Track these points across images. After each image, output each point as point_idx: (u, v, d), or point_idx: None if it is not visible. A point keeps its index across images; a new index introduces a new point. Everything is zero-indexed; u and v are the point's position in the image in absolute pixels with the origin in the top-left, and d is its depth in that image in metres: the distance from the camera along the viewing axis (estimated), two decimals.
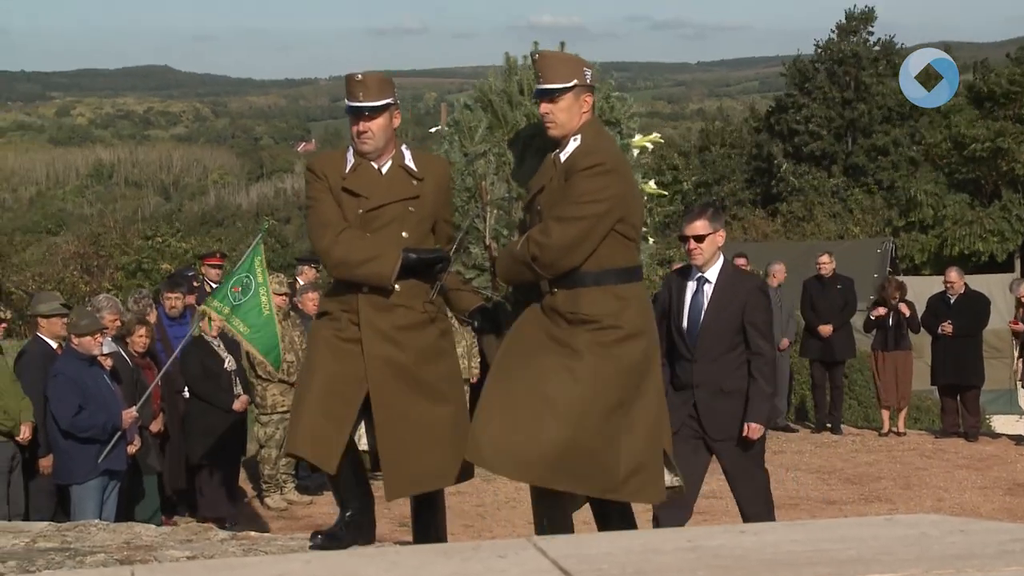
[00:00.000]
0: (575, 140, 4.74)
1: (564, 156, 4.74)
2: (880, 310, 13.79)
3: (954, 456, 12.83)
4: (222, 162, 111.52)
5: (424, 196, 4.96)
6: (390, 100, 4.96)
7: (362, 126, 4.91)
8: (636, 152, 5.40)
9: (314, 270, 12.11)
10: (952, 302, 13.57)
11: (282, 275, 11.27)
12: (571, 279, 4.67)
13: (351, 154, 5.01)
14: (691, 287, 6.35)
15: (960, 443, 13.41)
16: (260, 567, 2.88)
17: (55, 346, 8.68)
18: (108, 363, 8.59)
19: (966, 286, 13.77)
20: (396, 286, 4.87)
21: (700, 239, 6.23)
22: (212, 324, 9.72)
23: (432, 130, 5.97)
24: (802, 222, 35.75)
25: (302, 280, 11.74)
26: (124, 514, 8.50)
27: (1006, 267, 30.76)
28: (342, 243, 4.87)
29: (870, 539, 2.78)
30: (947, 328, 13.37)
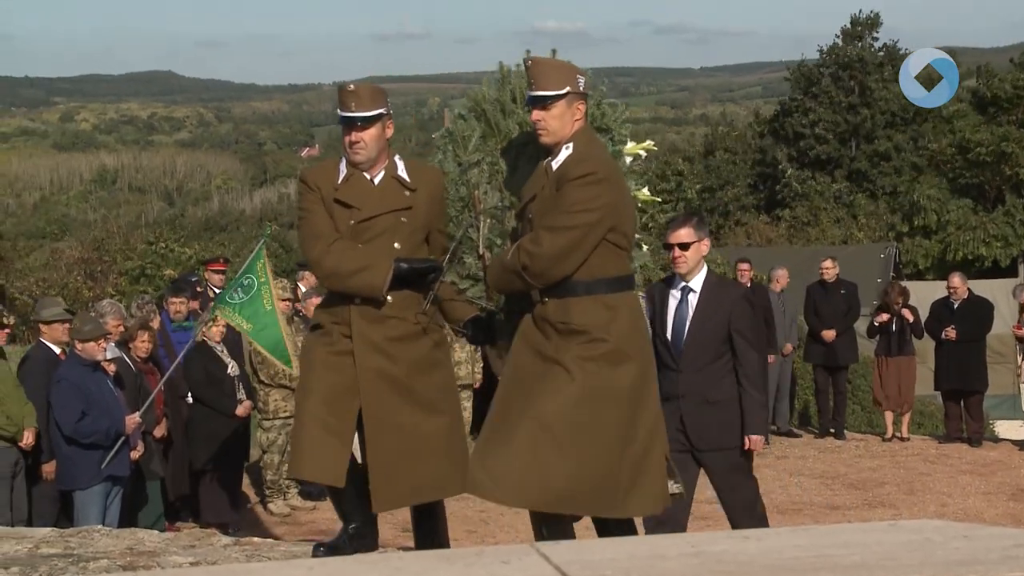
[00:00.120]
0: (567, 148, 4.70)
1: (556, 164, 4.70)
2: (883, 316, 13.78)
3: (958, 461, 12.82)
4: (226, 167, 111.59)
5: (417, 206, 4.95)
6: (382, 110, 4.95)
7: (354, 136, 4.91)
8: (629, 159, 5.37)
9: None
10: (955, 307, 13.56)
11: (285, 280, 11.28)
12: (562, 288, 4.63)
13: (344, 164, 5.00)
14: (675, 296, 6.25)
15: (964, 448, 13.39)
16: (263, 573, 2.88)
17: (58, 352, 8.68)
18: (111, 368, 8.59)
19: (969, 291, 13.76)
20: (388, 297, 4.86)
21: (685, 247, 6.15)
22: (213, 329, 9.72)
23: (435, 135, 5.97)
24: (806, 227, 35.75)
25: (303, 286, 11.74)
26: (127, 520, 8.50)
27: (1009, 272, 30.73)
28: (333, 254, 4.86)
29: (874, 545, 2.77)
30: (951, 333, 13.36)
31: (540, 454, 4.50)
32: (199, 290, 11.60)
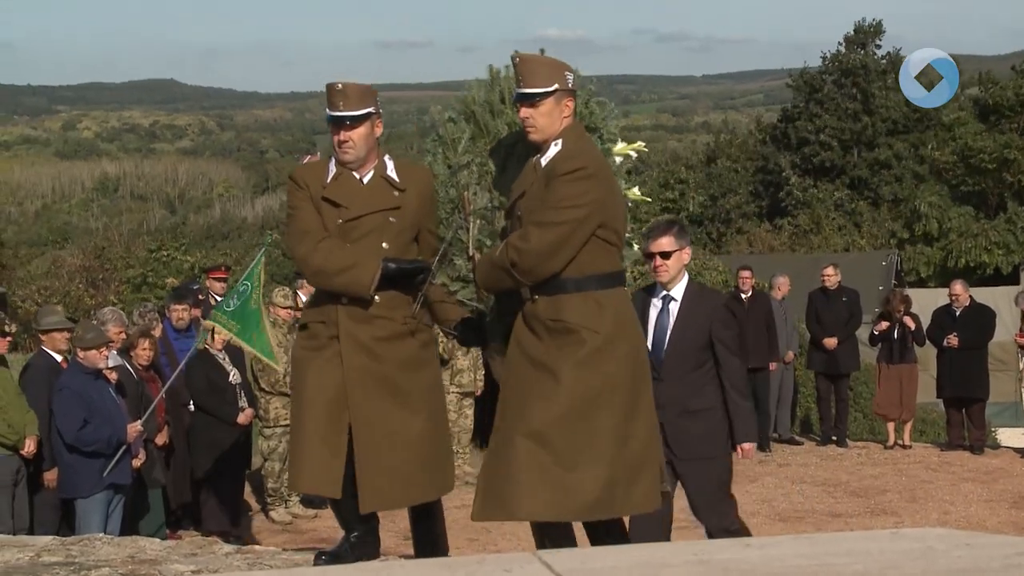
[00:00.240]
0: (556, 145, 4.66)
1: (545, 161, 4.66)
2: (882, 324, 13.78)
3: (960, 469, 12.80)
4: (227, 175, 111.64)
5: (405, 206, 4.92)
6: (371, 109, 4.91)
7: (343, 135, 4.88)
8: (619, 160, 5.33)
9: None
10: (957, 315, 13.55)
11: (287, 288, 11.27)
12: (552, 286, 4.58)
13: (333, 164, 4.98)
14: (656, 305, 6.16)
15: (966, 456, 13.38)
16: None
17: (60, 360, 8.69)
18: (113, 377, 8.59)
19: (971, 298, 13.75)
20: (376, 297, 4.83)
21: (666, 256, 6.06)
22: (216, 337, 9.72)
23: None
24: (809, 234, 35.76)
25: (303, 294, 11.72)
26: (129, 528, 8.49)
27: (1011, 279, 30.69)
28: (321, 252, 4.83)
29: (876, 553, 2.77)
30: (952, 341, 13.35)
31: (538, 468, 4.45)
32: (201, 298, 11.59)
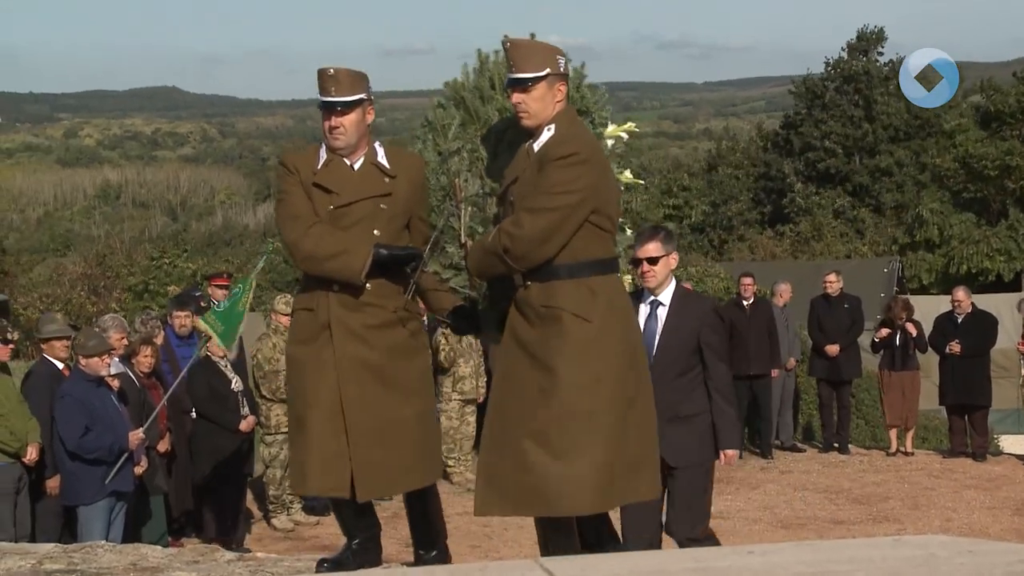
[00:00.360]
0: (549, 129, 4.61)
1: (537, 146, 4.61)
2: (883, 331, 13.78)
3: (962, 476, 12.79)
4: (229, 182, 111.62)
5: (396, 193, 4.87)
6: (363, 95, 4.88)
7: (334, 121, 4.84)
8: (610, 143, 5.30)
9: None
10: (959, 322, 13.54)
11: (289, 296, 11.27)
12: (545, 272, 4.54)
13: (324, 150, 4.93)
14: (644, 311, 6.15)
15: (968, 463, 13.36)
16: None
17: (61, 367, 8.69)
18: (115, 384, 8.60)
19: (973, 305, 13.74)
20: (367, 285, 4.78)
21: (653, 261, 6.08)
22: (209, 342, 9.70)
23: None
24: (811, 241, 35.75)
25: None
26: (131, 535, 8.48)
27: (1013, 286, 30.68)
28: (312, 237, 4.78)
29: (878, 560, 2.77)
30: (955, 348, 13.34)
31: (540, 465, 4.42)
32: (203, 305, 11.58)
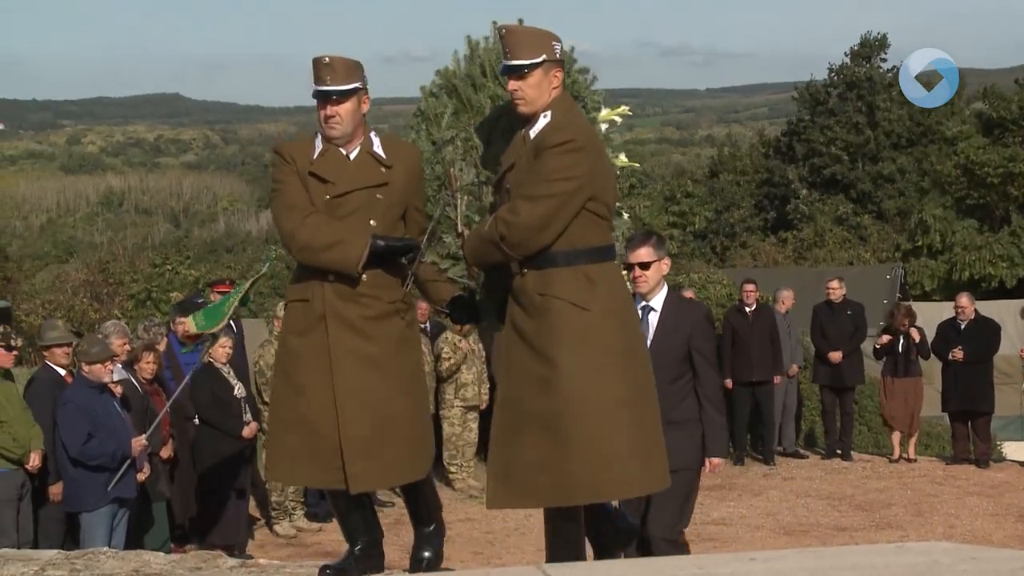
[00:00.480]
0: (545, 116, 4.59)
1: (533, 133, 4.59)
2: (884, 338, 13.77)
3: (965, 483, 12.78)
4: (232, 189, 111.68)
5: (393, 183, 4.83)
6: (358, 84, 4.83)
7: (329, 110, 4.79)
8: (604, 127, 5.24)
9: None
10: (962, 328, 13.53)
11: None
12: (542, 259, 4.52)
13: (319, 140, 4.88)
14: None
15: (971, 470, 13.35)
16: None
17: (64, 374, 8.69)
18: (118, 390, 8.59)
19: (976, 312, 13.73)
20: (363, 276, 4.74)
21: (645, 267, 6.06)
22: (219, 350, 9.70)
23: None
24: (814, 247, 35.74)
25: None
26: (134, 542, 8.48)
27: (1016, 293, 30.66)
28: (308, 226, 4.73)
29: (881, 567, 2.77)
30: (958, 354, 13.33)
31: (554, 459, 4.42)
32: None
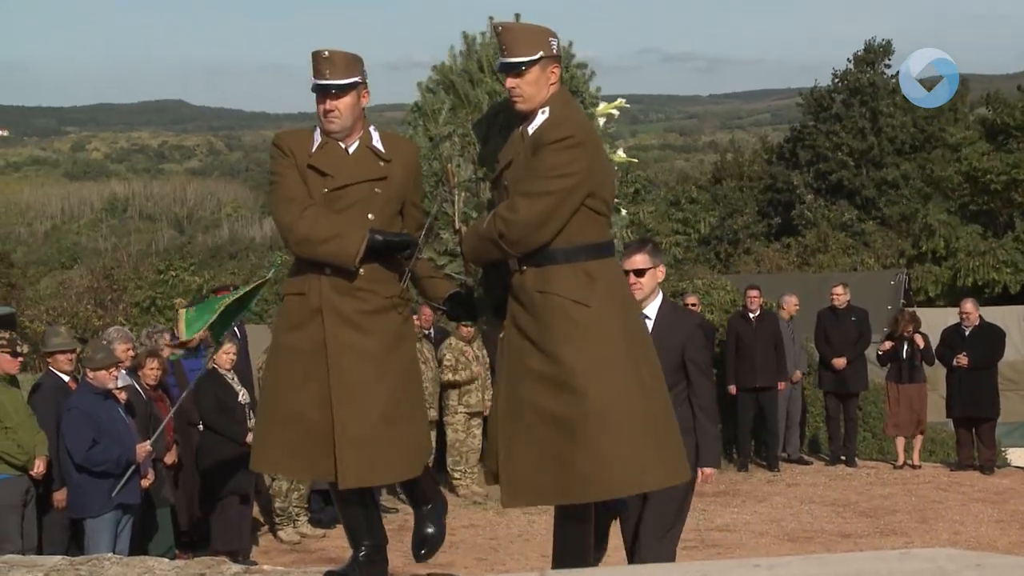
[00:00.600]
0: (543, 112, 4.58)
1: (532, 129, 4.58)
2: (888, 344, 13.76)
3: (970, 489, 12.77)
4: (236, 195, 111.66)
5: (391, 178, 4.83)
6: (358, 79, 4.82)
7: (329, 104, 4.78)
8: (602, 121, 5.23)
9: None
10: (967, 334, 13.53)
11: None
12: (540, 256, 4.51)
13: (318, 133, 4.87)
14: None
15: (976, 476, 13.34)
16: None
17: (68, 380, 8.69)
18: (123, 396, 8.60)
19: (981, 318, 13.73)
20: (360, 270, 4.74)
21: (640, 274, 6.00)
22: (223, 356, 9.70)
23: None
24: (818, 253, 35.71)
25: None
26: (138, 548, 8.49)
27: (1020, 299, 30.60)
28: (306, 219, 4.73)
29: (886, 573, 2.77)
30: (962, 360, 13.32)
31: (564, 455, 4.40)
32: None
